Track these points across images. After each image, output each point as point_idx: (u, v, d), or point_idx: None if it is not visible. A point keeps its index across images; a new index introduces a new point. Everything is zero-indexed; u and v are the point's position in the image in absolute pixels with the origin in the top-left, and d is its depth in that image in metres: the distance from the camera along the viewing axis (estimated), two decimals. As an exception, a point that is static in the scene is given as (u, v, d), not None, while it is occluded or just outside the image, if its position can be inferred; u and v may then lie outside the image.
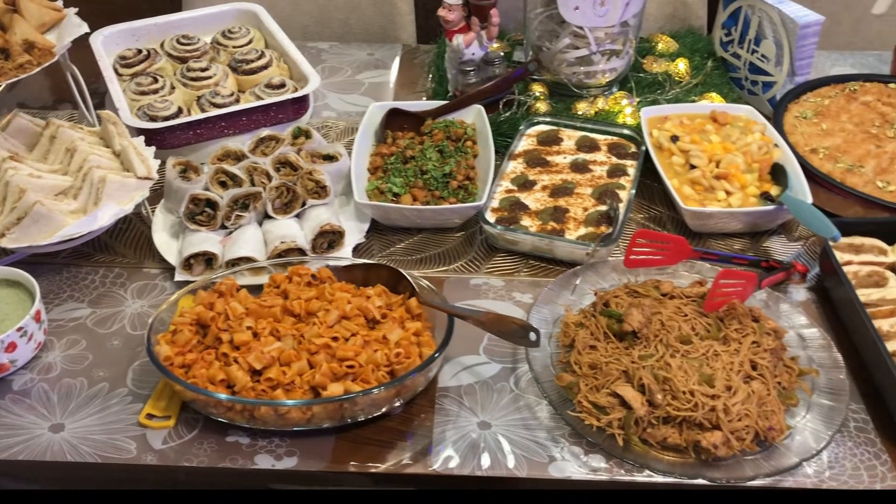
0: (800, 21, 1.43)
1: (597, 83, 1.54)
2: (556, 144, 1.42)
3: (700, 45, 1.70)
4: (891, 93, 1.49)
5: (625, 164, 1.37)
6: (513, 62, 1.64)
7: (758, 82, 1.56)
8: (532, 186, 1.33)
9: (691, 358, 1.00)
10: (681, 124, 1.41)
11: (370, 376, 0.97)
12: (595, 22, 1.45)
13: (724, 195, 1.27)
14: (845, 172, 1.32)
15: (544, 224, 1.25)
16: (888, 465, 0.97)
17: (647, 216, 1.34)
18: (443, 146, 1.36)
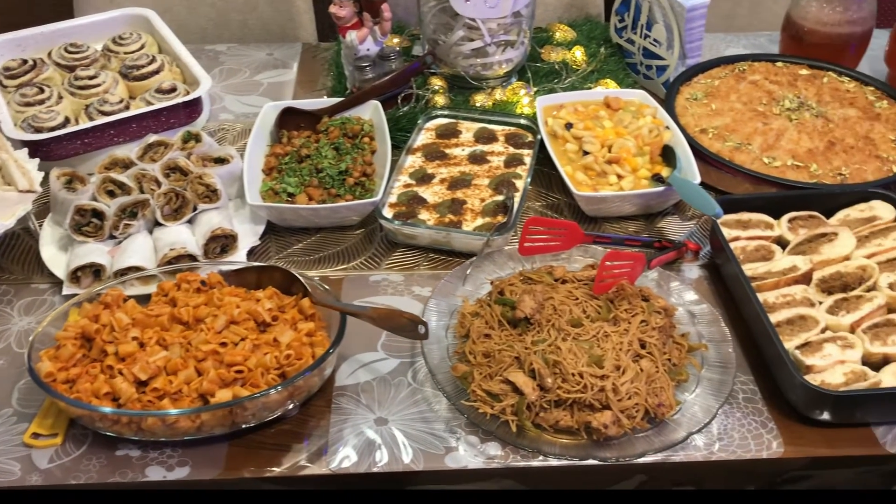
0: (686, 4, 1.46)
1: (494, 74, 1.54)
2: (455, 137, 1.42)
3: (597, 32, 1.72)
4: (778, 71, 1.53)
5: (521, 154, 1.38)
6: (412, 56, 1.64)
7: (652, 66, 1.58)
8: (430, 180, 1.33)
9: (582, 340, 1.01)
10: (575, 111, 1.42)
11: (260, 380, 0.96)
12: (487, 13, 1.45)
13: (615, 179, 1.29)
14: (734, 151, 1.35)
15: (442, 217, 1.25)
16: (774, 432, 0.99)
17: (545, 203, 1.35)
18: (339, 143, 1.35)
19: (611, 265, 1.06)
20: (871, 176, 1.30)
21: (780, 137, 1.36)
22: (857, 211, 1.23)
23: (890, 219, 1.21)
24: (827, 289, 1.13)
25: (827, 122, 1.39)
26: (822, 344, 1.03)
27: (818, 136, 1.36)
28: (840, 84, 1.50)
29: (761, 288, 1.13)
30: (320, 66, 1.69)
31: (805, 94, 1.46)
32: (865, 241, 1.19)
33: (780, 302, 1.11)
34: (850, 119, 1.40)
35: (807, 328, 1.06)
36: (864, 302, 1.08)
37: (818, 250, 1.17)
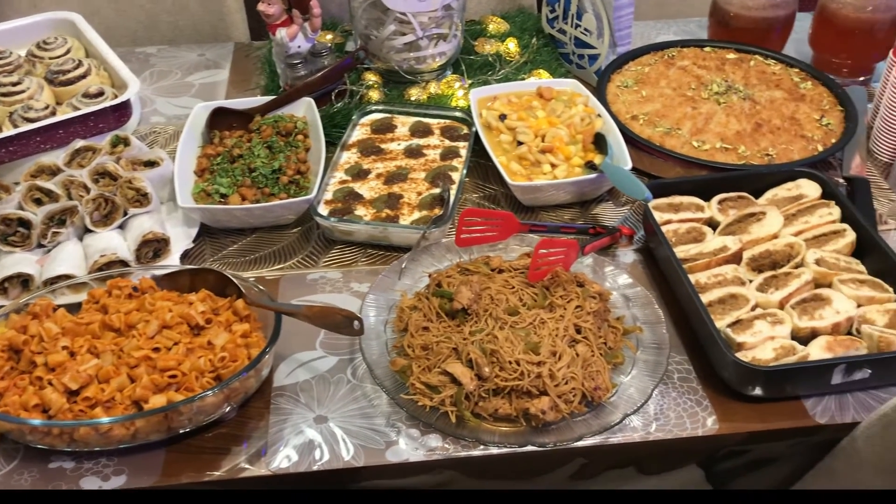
0: (613, -8, 1.48)
1: (428, 68, 1.54)
2: (390, 132, 1.42)
3: (530, 23, 1.73)
4: (706, 56, 1.56)
5: (457, 146, 1.39)
6: (345, 52, 1.63)
7: (584, 56, 1.60)
8: (366, 175, 1.32)
9: (519, 328, 1.02)
10: (509, 103, 1.43)
11: (194, 384, 0.95)
12: (417, 7, 1.45)
13: (549, 168, 1.30)
14: (664, 136, 1.37)
15: (378, 212, 1.25)
16: (709, 409, 1.01)
17: (483, 195, 1.35)
18: (272, 142, 1.34)
19: (544, 253, 1.07)
20: (797, 155, 1.33)
21: (709, 121, 1.39)
22: (785, 190, 1.26)
23: (816, 196, 1.24)
24: (757, 267, 1.16)
25: (754, 105, 1.42)
26: (753, 321, 1.06)
27: (745, 119, 1.39)
28: (766, 67, 1.53)
29: (693, 269, 1.15)
30: (253, 65, 1.67)
31: (732, 78, 1.49)
32: (793, 218, 1.21)
33: (711, 282, 1.13)
34: (776, 101, 1.43)
35: (738, 306, 1.08)
36: (792, 278, 1.11)
37: (748, 230, 1.19)
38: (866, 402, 1.02)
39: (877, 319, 1.07)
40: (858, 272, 1.14)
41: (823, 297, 1.09)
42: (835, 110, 1.43)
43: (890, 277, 1.11)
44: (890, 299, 1.09)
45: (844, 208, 1.20)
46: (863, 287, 1.10)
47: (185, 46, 1.75)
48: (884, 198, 1.34)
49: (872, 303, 1.08)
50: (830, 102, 1.44)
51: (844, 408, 1.01)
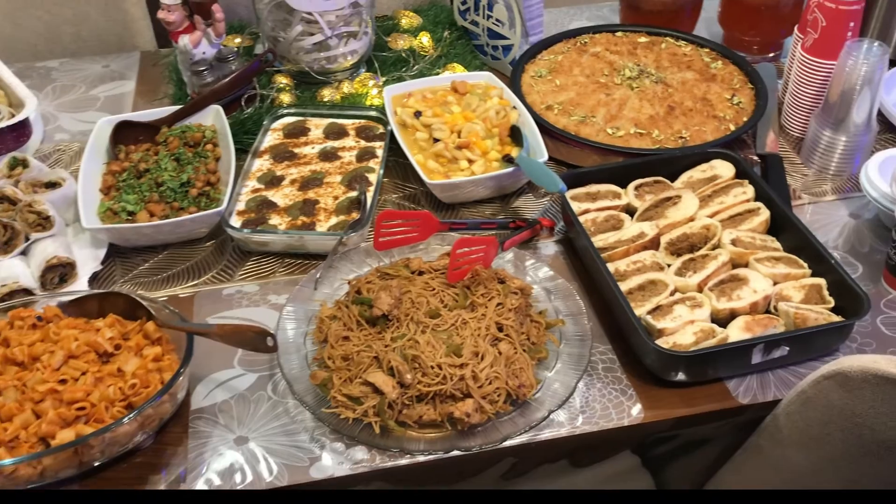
0: (522, -18, 1.47)
1: (340, 67, 1.51)
2: (304, 135, 1.39)
3: (443, 16, 1.71)
4: (618, 41, 1.56)
5: (373, 147, 1.36)
6: (253, 56, 1.58)
7: (498, 47, 1.59)
8: (280, 182, 1.29)
9: (440, 331, 1.01)
10: (424, 99, 1.41)
11: (104, 415, 0.91)
12: (323, 6, 1.42)
13: (466, 164, 1.28)
14: (579, 124, 1.37)
15: (294, 220, 1.22)
16: (634, 398, 1.01)
17: (402, 195, 1.33)
18: (179, 154, 1.29)
19: (462, 252, 1.05)
20: (710, 136, 1.34)
21: (623, 107, 1.39)
22: (700, 171, 1.27)
23: (730, 176, 1.25)
24: (675, 251, 1.16)
25: (666, 88, 1.43)
26: (673, 306, 1.06)
27: (658, 102, 1.39)
28: (677, 48, 1.54)
29: (612, 257, 1.14)
30: (160, 74, 1.62)
31: (644, 62, 1.49)
32: (709, 199, 1.22)
33: (630, 269, 1.13)
34: (687, 82, 1.44)
35: (657, 292, 1.08)
36: (709, 260, 1.12)
37: (664, 214, 1.20)
38: (786, 379, 1.03)
39: (793, 296, 1.08)
40: (774, 249, 1.15)
41: (741, 277, 1.09)
42: (745, 88, 1.44)
43: (804, 253, 1.13)
44: (805, 275, 1.10)
45: (758, 186, 1.22)
46: (778, 264, 1.11)
47: (88, 58, 1.68)
48: (797, 173, 1.36)
49: (788, 279, 1.10)
50: (741, 81, 1.45)
51: (766, 386, 1.02)
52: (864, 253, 1.21)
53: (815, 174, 1.35)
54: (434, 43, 1.62)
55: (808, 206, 1.29)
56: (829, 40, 1.33)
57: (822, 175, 1.35)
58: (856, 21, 1.32)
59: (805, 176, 1.35)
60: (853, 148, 1.31)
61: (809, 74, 1.37)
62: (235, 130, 1.39)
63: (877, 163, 1.24)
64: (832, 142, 1.32)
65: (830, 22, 1.32)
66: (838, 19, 1.31)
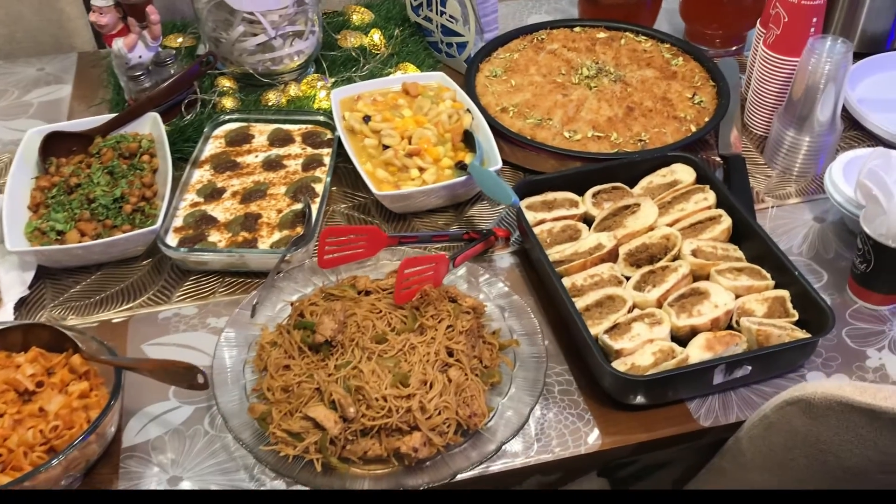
0: (474, -22, 1.40)
1: (286, 69, 1.44)
2: (247, 143, 1.32)
3: (395, 12, 1.64)
4: (576, 37, 1.50)
5: (321, 154, 1.30)
6: (196, 57, 1.51)
7: (452, 44, 1.52)
8: (221, 195, 1.22)
9: (387, 358, 0.95)
10: (374, 102, 1.35)
11: (23, 461, 0.84)
12: (265, 5, 1.35)
13: (417, 173, 1.22)
14: (535, 127, 1.31)
15: (234, 236, 1.16)
16: (591, 424, 0.97)
17: (352, 204, 1.27)
18: (113, 166, 1.22)
19: (410, 272, 1.00)
20: (670, 138, 1.29)
21: (581, 108, 1.34)
22: (660, 177, 1.22)
23: (690, 181, 1.20)
24: (635, 262, 1.11)
25: (626, 87, 1.37)
26: (631, 324, 1.01)
27: (617, 103, 1.34)
28: (637, 44, 1.48)
29: (569, 271, 1.09)
30: (99, 77, 1.54)
31: (603, 59, 1.44)
32: (669, 206, 1.18)
33: (587, 284, 1.08)
34: (647, 80, 1.39)
35: (615, 309, 1.04)
36: (669, 273, 1.07)
37: (623, 223, 1.15)
38: (749, 399, 0.99)
39: (756, 309, 1.04)
40: (736, 259, 1.11)
41: (702, 290, 1.05)
42: (707, 86, 1.39)
43: (768, 262, 1.08)
44: (768, 287, 1.06)
45: (719, 192, 1.17)
46: (741, 276, 1.07)
47: (22, 61, 1.60)
48: (760, 174, 1.32)
49: (751, 292, 1.05)
50: (702, 78, 1.41)
51: (728, 407, 0.98)
52: (829, 259, 1.17)
53: (778, 175, 1.31)
54: (386, 40, 1.55)
55: (772, 210, 1.25)
56: (791, 36, 1.28)
57: (785, 176, 1.31)
58: (819, 16, 1.28)
59: (769, 178, 1.31)
60: (817, 148, 1.27)
61: (772, 71, 1.32)
62: (175, 138, 1.32)
63: (841, 165, 1.20)
64: (796, 142, 1.27)
65: (793, 18, 1.27)
66: (801, 15, 1.27)
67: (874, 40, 1.56)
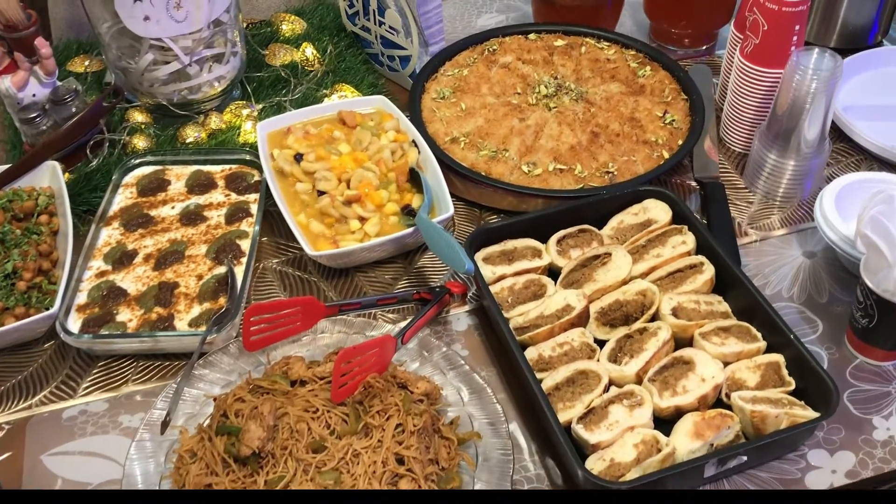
0: (414, -14, 1.24)
1: (206, 97, 1.27)
2: (163, 191, 1.16)
3: (329, 19, 1.47)
4: (531, 46, 1.34)
5: (247, 202, 1.14)
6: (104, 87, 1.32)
7: (394, 57, 1.36)
8: (132, 259, 1.06)
9: (324, 472, 0.81)
10: (306, 135, 1.18)
11: None
12: (175, 30, 1.17)
13: (357, 224, 1.07)
14: (490, 161, 1.16)
15: (147, 313, 1.00)
16: (567, 532, 0.84)
17: (285, 259, 1.11)
18: (4, 233, 1.05)
19: (347, 367, 0.85)
20: (641, 167, 1.15)
21: (540, 134, 1.19)
22: (631, 215, 1.08)
23: (666, 221, 1.07)
24: (608, 321, 0.98)
25: (589, 107, 1.23)
26: (608, 407, 0.88)
27: (580, 127, 1.19)
28: (600, 52, 1.33)
29: (534, 339, 0.96)
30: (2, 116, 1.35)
31: (563, 73, 1.29)
32: (644, 251, 1.04)
33: (556, 355, 0.94)
34: (613, 97, 1.24)
35: (589, 388, 0.90)
36: (648, 338, 0.94)
37: (592, 277, 1.01)
38: (742, 486, 0.87)
39: (747, 379, 0.91)
40: (722, 315, 0.98)
41: (686, 359, 0.92)
42: (679, 100, 1.25)
43: (757, 316, 0.95)
44: (759, 350, 0.93)
45: (699, 234, 1.04)
46: (728, 339, 0.94)
47: None
48: (741, 200, 1.18)
49: (741, 358, 0.93)
50: (673, 91, 1.26)
51: (721, 500, 0.85)
52: (823, 304, 1.04)
53: (760, 201, 1.18)
54: (320, 54, 1.38)
55: (757, 245, 1.12)
56: (772, 46, 1.14)
57: (768, 201, 1.18)
58: (801, 24, 1.14)
59: (750, 204, 1.18)
60: (803, 172, 1.14)
61: (751, 85, 1.18)
62: (80, 188, 1.16)
63: (832, 195, 1.07)
64: (779, 166, 1.14)
65: (773, 26, 1.13)
66: (782, 23, 1.13)
67: (855, 35, 1.43)
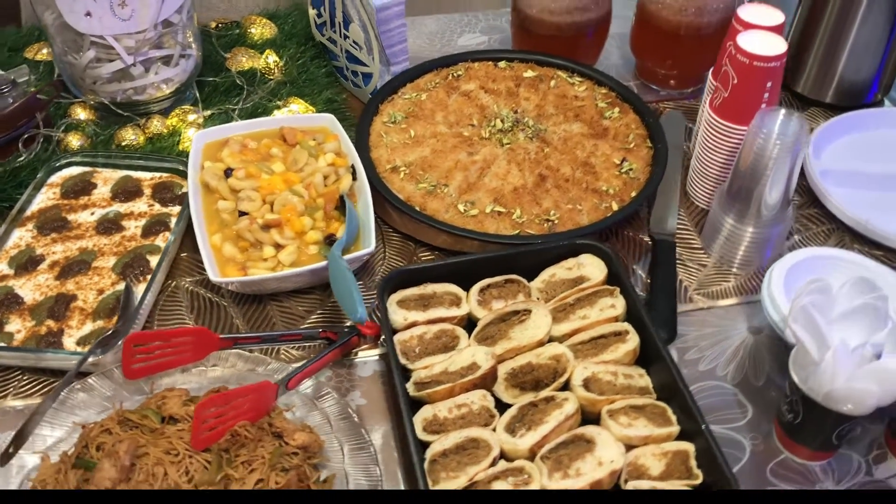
0: (375, 2, 1.18)
1: (153, 98, 1.23)
2: (87, 194, 1.11)
3: (301, 26, 1.41)
4: (498, 75, 1.28)
5: (168, 214, 1.09)
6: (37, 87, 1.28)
7: (358, 73, 1.31)
8: (37, 265, 1.02)
9: (171, 524, 0.76)
10: (243, 150, 1.13)
11: None
12: (119, 28, 1.13)
13: (271, 251, 1.01)
14: (427, 195, 1.09)
15: (38, 325, 0.95)
16: None
17: (200, 279, 1.06)
18: None
19: (211, 414, 0.80)
20: (585, 218, 1.07)
21: (485, 172, 1.12)
22: (565, 269, 1.01)
23: (600, 279, 0.99)
24: (518, 384, 0.91)
25: (543, 147, 1.15)
26: (491, 484, 0.81)
27: (529, 168, 1.12)
28: (569, 87, 1.26)
29: (433, 397, 0.89)
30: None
31: (524, 107, 1.22)
32: (570, 311, 0.97)
33: (452, 417, 0.88)
34: (571, 138, 1.17)
35: (477, 459, 0.83)
36: (552, 409, 0.87)
37: (508, 334, 0.94)
38: (629, 589, 0.79)
39: (651, 467, 0.84)
40: (639, 391, 0.90)
41: (587, 438, 0.85)
42: (643, 148, 1.17)
43: (677, 398, 0.88)
44: (670, 435, 0.86)
45: (629, 300, 0.96)
46: (639, 419, 0.86)
47: None
48: (693, 262, 1.10)
49: (648, 442, 0.85)
50: (638, 137, 1.18)
51: None
52: (759, 388, 0.96)
53: (715, 265, 1.10)
54: (283, 63, 1.33)
55: (701, 314, 1.04)
56: (740, 102, 1.06)
57: (723, 267, 1.09)
58: (774, 81, 1.05)
59: (703, 267, 1.10)
60: (762, 239, 1.06)
61: (718, 140, 1.10)
62: (6, 183, 1.12)
63: (783, 270, 0.98)
64: (736, 231, 1.06)
65: (743, 80, 1.05)
66: (752, 78, 1.04)
67: (853, 91, 1.34)
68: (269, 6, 1.48)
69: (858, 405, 0.79)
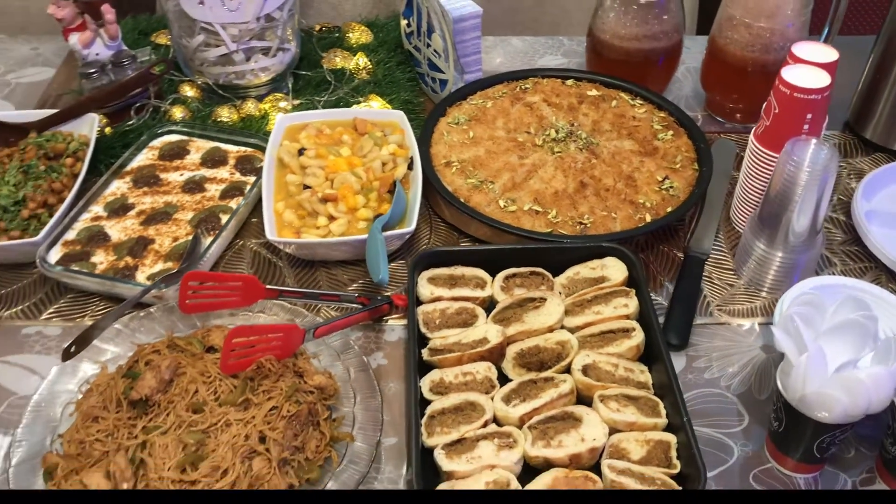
0: (453, 14, 1.29)
1: (251, 84, 1.38)
2: (180, 158, 1.27)
3: (395, 35, 1.54)
4: (563, 91, 1.36)
5: (245, 182, 1.23)
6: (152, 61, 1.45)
7: (436, 80, 1.42)
8: (127, 212, 1.17)
9: (193, 431, 0.87)
10: (318, 134, 1.26)
11: None
12: (226, 18, 1.29)
13: (325, 221, 1.13)
14: (473, 189, 1.19)
15: (118, 259, 1.10)
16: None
17: (264, 241, 1.19)
18: (31, 166, 1.19)
19: (239, 342, 0.91)
20: (618, 225, 1.14)
21: (532, 175, 1.20)
22: (589, 269, 1.08)
23: (619, 281, 1.05)
24: (525, 364, 0.98)
25: (591, 158, 1.23)
26: (478, 442, 0.89)
27: (573, 175, 1.19)
28: (629, 108, 1.33)
29: (443, 363, 0.98)
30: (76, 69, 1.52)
31: (581, 121, 1.29)
32: (586, 306, 1.03)
33: (457, 382, 0.96)
34: (620, 153, 1.24)
35: (470, 419, 0.91)
36: (548, 387, 0.93)
37: (522, 318, 1.01)
38: (591, 557, 0.84)
39: (632, 451, 0.89)
40: (638, 384, 0.95)
41: (576, 416, 0.91)
42: (688, 170, 1.22)
43: (671, 396, 0.93)
44: (656, 426, 0.91)
45: (642, 301, 1.02)
46: (628, 407, 0.92)
47: (21, 38, 1.60)
48: (722, 281, 1.14)
49: (634, 429, 0.90)
50: (687, 159, 1.24)
51: (562, 562, 0.84)
52: (759, 402, 0.99)
53: (745, 287, 1.14)
54: (373, 66, 1.46)
55: (717, 328, 1.08)
56: (780, 131, 1.11)
57: (751, 289, 1.13)
58: (815, 113, 1.09)
59: (730, 287, 1.14)
60: (790, 265, 1.09)
61: (759, 168, 1.15)
62: (115, 143, 1.28)
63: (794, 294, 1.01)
64: (766, 257, 1.10)
65: (784, 110, 1.09)
66: (793, 108, 1.09)
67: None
68: (371, 15, 1.62)
69: (830, 413, 0.82)
